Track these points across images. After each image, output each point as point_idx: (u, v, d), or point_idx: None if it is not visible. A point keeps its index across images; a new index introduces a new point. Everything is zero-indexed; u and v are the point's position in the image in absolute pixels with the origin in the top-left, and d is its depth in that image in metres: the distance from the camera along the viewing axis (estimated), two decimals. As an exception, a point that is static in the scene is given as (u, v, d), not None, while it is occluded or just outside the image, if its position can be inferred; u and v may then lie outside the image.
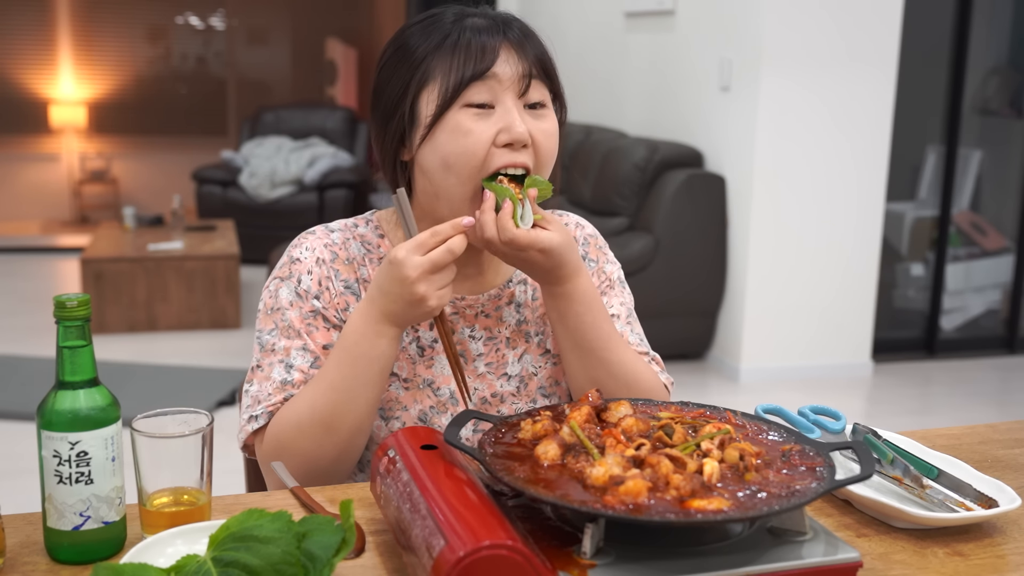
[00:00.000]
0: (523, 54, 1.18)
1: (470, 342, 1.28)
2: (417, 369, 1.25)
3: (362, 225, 1.30)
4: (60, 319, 0.91)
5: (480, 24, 1.19)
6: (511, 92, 1.16)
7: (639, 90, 5.08)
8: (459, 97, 1.15)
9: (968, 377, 4.54)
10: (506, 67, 1.16)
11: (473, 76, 1.15)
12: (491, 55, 1.16)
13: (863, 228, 4.29)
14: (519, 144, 1.16)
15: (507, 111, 1.16)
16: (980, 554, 0.99)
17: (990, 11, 4.99)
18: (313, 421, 1.15)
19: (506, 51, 1.17)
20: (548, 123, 1.19)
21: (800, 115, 4.10)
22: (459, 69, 1.15)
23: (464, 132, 1.15)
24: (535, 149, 1.17)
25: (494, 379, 1.28)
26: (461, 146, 1.15)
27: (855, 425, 1.18)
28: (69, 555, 0.94)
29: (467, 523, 0.82)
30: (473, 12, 1.22)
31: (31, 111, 7.85)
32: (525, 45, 1.19)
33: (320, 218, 6.47)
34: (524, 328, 1.31)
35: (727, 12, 4.27)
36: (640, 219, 4.40)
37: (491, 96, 1.16)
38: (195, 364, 4.34)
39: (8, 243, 7.06)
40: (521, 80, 1.17)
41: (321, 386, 1.15)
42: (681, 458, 0.91)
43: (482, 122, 1.15)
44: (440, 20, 1.20)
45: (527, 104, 1.18)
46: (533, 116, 1.18)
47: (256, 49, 8.50)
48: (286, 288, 1.23)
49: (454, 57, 1.15)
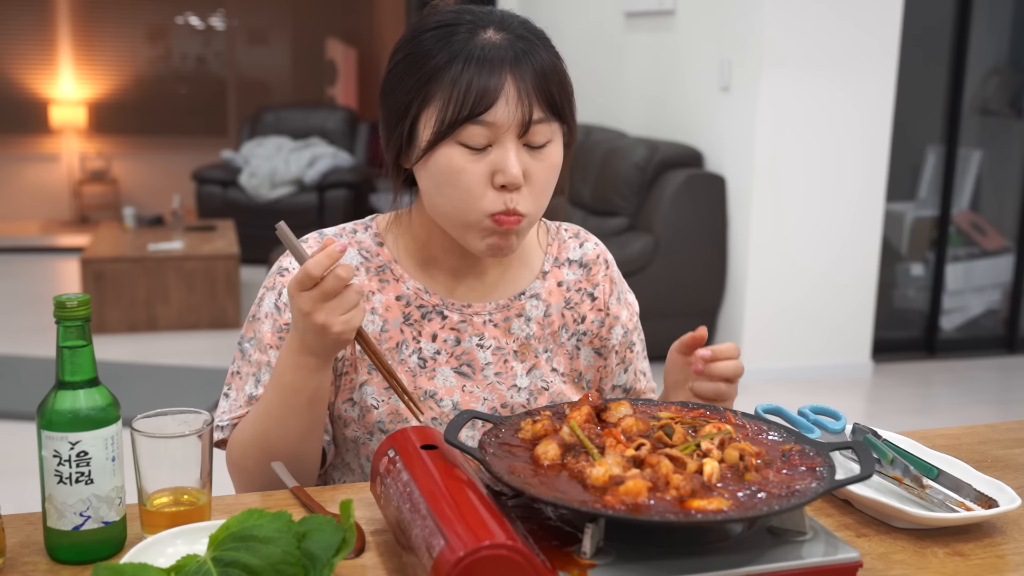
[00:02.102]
0: (530, 94, 1.10)
1: (477, 351, 1.25)
2: (418, 382, 1.23)
3: (361, 231, 1.27)
4: (60, 319, 0.91)
5: (492, 44, 1.10)
6: (511, 134, 1.10)
7: (639, 90, 5.08)
8: (453, 134, 1.10)
9: (968, 377, 4.54)
10: (507, 111, 1.09)
11: (470, 117, 1.08)
12: (492, 95, 1.08)
13: (863, 228, 4.29)
14: (513, 187, 1.11)
15: (504, 152, 1.10)
16: (980, 554, 0.99)
17: (990, 11, 4.98)
18: (255, 444, 1.16)
19: (511, 89, 1.09)
20: (549, 160, 1.13)
21: (800, 115, 4.10)
22: (456, 106, 1.08)
23: (457, 169, 1.10)
24: (531, 187, 1.12)
25: (504, 389, 1.25)
26: (454, 181, 1.11)
27: (855, 425, 1.18)
28: (69, 555, 0.94)
29: (467, 523, 0.82)
30: (490, 20, 1.13)
31: (31, 111, 7.86)
32: (536, 82, 1.10)
33: (320, 218, 6.47)
34: (533, 344, 1.28)
35: (727, 12, 4.27)
36: (640, 219, 4.40)
37: (488, 138, 1.10)
38: (195, 364, 4.33)
39: (8, 243, 7.06)
40: (521, 125, 1.10)
41: (259, 410, 1.16)
42: (681, 458, 0.91)
43: (476, 162, 1.10)
44: (454, 31, 1.12)
45: (527, 144, 1.12)
46: (533, 155, 1.12)
47: (256, 49, 8.50)
48: (268, 299, 1.23)
49: (454, 89, 1.08)
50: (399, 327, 1.23)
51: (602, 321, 1.32)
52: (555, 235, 1.34)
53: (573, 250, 1.33)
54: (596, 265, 1.34)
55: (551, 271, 1.31)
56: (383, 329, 1.23)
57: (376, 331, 1.22)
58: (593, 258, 1.34)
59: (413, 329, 1.23)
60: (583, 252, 1.34)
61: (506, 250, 1.16)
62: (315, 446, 1.18)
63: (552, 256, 1.32)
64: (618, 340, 1.34)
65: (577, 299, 1.31)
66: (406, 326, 1.23)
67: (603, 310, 1.33)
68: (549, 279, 1.30)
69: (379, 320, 1.23)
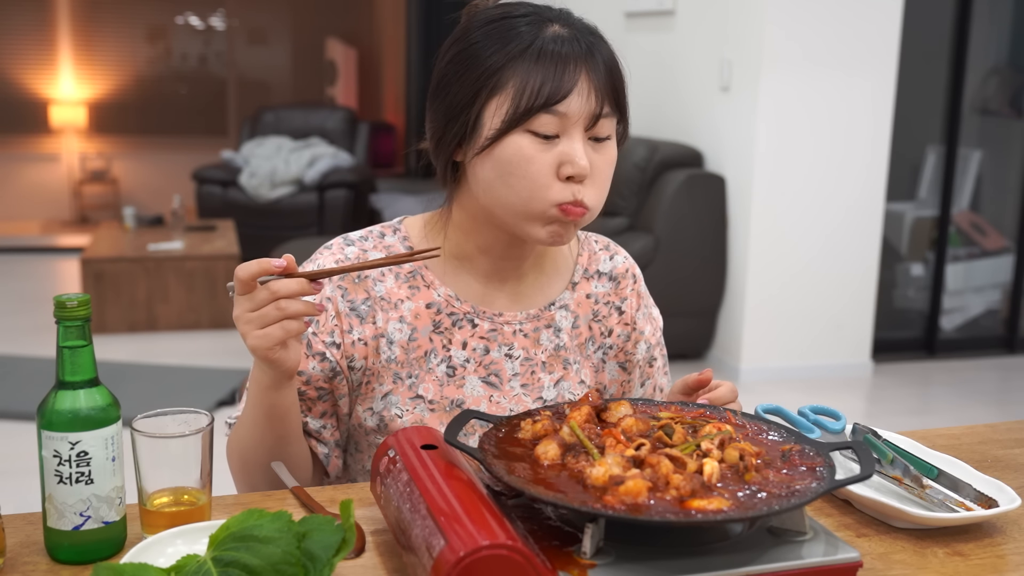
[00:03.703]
0: (601, 88, 1.11)
1: (505, 361, 1.23)
2: (445, 391, 1.21)
3: (389, 234, 1.25)
4: (60, 319, 0.91)
5: (561, 37, 1.11)
6: (579, 126, 1.11)
7: (639, 90, 5.07)
8: (525, 123, 1.10)
9: (968, 377, 4.54)
10: (580, 102, 1.10)
11: (545, 105, 1.09)
12: (568, 85, 1.09)
13: (863, 228, 4.29)
14: (580, 178, 1.11)
15: (572, 143, 1.11)
16: (980, 554, 0.99)
17: (990, 11, 4.98)
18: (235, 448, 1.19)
19: (585, 83, 1.10)
20: (609, 154, 1.15)
21: (800, 115, 4.10)
22: (532, 93, 1.09)
23: (526, 158, 1.10)
24: (594, 180, 1.13)
25: (530, 401, 1.24)
26: (521, 170, 1.11)
27: (855, 425, 1.18)
28: (69, 555, 0.93)
29: (467, 523, 0.82)
30: (552, 16, 1.14)
31: (31, 111, 7.86)
32: (605, 77, 1.12)
33: (320, 218, 6.46)
34: (562, 355, 1.27)
35: (727, 12, 4.27)
36: (640, 219, 4.40)
37: (559, 128, 1.10)
38: (195, 364, 4.33)
39: (8, 243, 7.06)
40: (592, 117, 1.11)
41: (240, 418, 1.19)
42: (681, 458, 0.91)
43: (545, 151, 1.11)
44: (513, 24, 1.13)
45: (592, 137, 1.13)
46: (595, 148, 1.13)
47: (256, 49, 8.50)
48: None
49: (530, 76, 1.09)
50: (428, 335, 1.22)
51: (628, 335, 1.32)
52: (585, 245, 1.33)
53: (603, 262, 1.32)
54: (625, 279, 1.33)
55: (580, 282, 1.30)
56: (411, 337, 1.21)
57: (404, 339, 1.21)
58: (622, 272, 1.33)
59: (443, 337, 1.22)
60: (613, 265, 1.33)
61: (566, 239, 1.16)
62: (292, 454, 1.17)
63: (582, 267, 1.31)
64: (642, 355, 1.33)
65: (605, 312, 1.31)
66: (435, 334, 1.22)
67: (630, 324, 1.32)
68: (578, 290, 1.29)
69: (407, 328, 1.21)
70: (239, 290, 1.04)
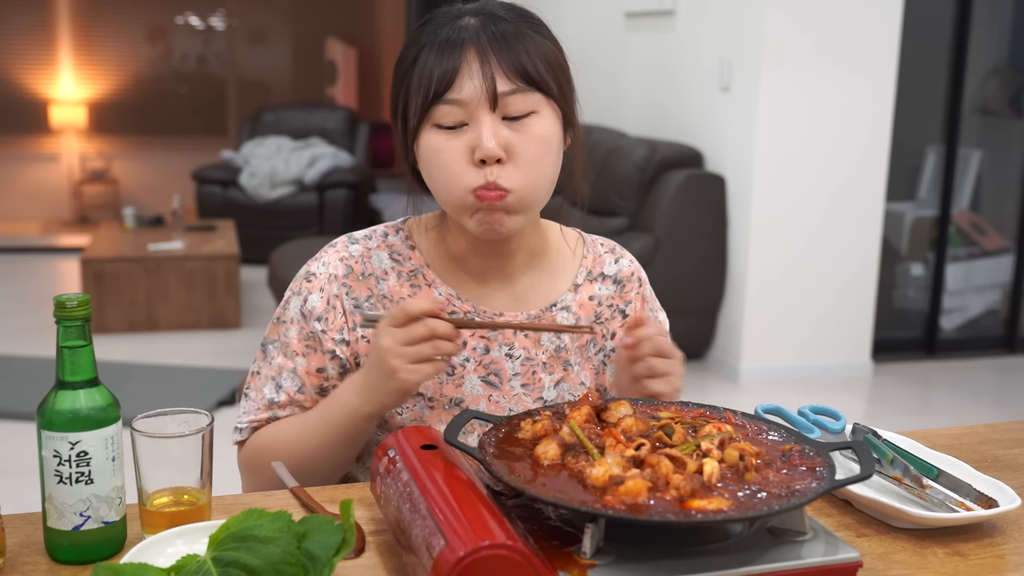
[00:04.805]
0: (500, 64, 1.09)
1: (505, 360, 1.23)
2: (444, 389, 1.21)
3: (392, 234, 1.26)
4: (60, 319, 0.91)
5: (462, 26, 1.11)
6: (484, 108, 1.09)
7: (639, 90, 5.08)
8: (427, 118, 1.11)
9: (968, 377, 4.54)
10: (473, 84, 1.09)
11: (436, 96, 1.10)
12: (451, 71, 1.09)
13: (863, 228, 4.29)
14: (492, 160, 1.09)
15: (477, 126, 1.10)
16: (980, 554, 0.99)
17: (990, 11, 4.98)
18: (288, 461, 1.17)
19: (474, 63, 1.09)
20: (534, 131, 1.11)
21: (800, 115, 4.10)
22: (426, 87, 1.10)
23: (436, 150, 1.12)
24: (515, 161, 1.11)
25: (530, 401, 1.24)
26: (435, 163, 1.12)
27: (855, 425, 1.18)
28: (69, 555, 0.94)
29: (467, 523, 0.82)
30: (470, 10, 1.14)
31: (31, 111, 7.85)
32: (501, 52, 1.10)
33: (320, 218, 6.47)
34: (563, 356, 1.27)
35: (727, 12, 4.27)
36: (640, 219, 4.40)
37: (462, 115, 1.10)
38: (195, 364, 4.33)
39: (8, 243, 7.06)
40: (490, 98, 1.09)
41: (299, 429, 1.18)
42: (681, 458, 0.91)
43: (454, 140, 1.11)
44: (435, 20, 1.14)
45: (508, 116, 1.11)
46: (513, 128, 1.11)
47: (256, 49, 8.50)
48: (294, 303, 1.22)
49: (422, 76, 1.11)
50: None
51: None
52: (591, 247, 1.33)
53: (608, 265, 1.32)
54: (630, 282, 1.33)
55: (583, 284, 1.29)
56: None
57: None
58: (628, 275, 1.33)
59: None
60: (618, 268, 1.33)
61: (498, 228, 1.13)
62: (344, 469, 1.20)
63: (586, 269, 1.30)
64: None
65: (608, 315, 1.31)
66: None
67: None
68: (581, 292, 1.29)
69: None
70: (397, 322, 1.06)
